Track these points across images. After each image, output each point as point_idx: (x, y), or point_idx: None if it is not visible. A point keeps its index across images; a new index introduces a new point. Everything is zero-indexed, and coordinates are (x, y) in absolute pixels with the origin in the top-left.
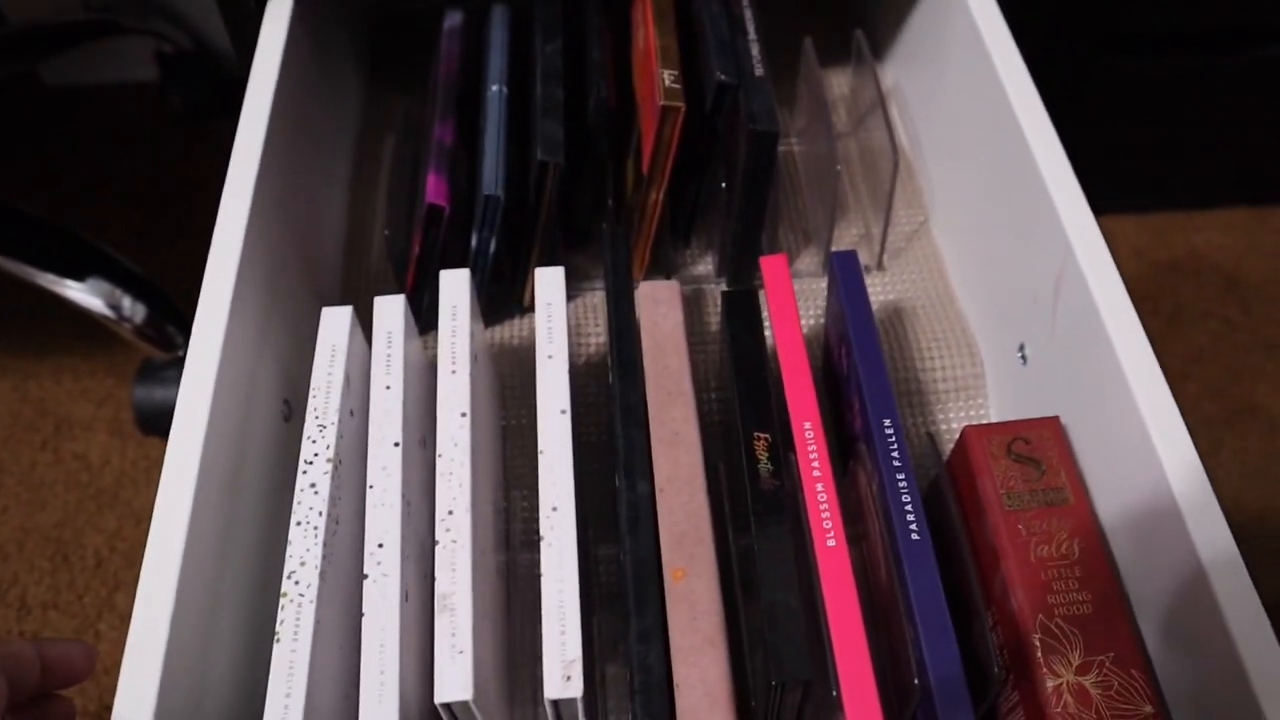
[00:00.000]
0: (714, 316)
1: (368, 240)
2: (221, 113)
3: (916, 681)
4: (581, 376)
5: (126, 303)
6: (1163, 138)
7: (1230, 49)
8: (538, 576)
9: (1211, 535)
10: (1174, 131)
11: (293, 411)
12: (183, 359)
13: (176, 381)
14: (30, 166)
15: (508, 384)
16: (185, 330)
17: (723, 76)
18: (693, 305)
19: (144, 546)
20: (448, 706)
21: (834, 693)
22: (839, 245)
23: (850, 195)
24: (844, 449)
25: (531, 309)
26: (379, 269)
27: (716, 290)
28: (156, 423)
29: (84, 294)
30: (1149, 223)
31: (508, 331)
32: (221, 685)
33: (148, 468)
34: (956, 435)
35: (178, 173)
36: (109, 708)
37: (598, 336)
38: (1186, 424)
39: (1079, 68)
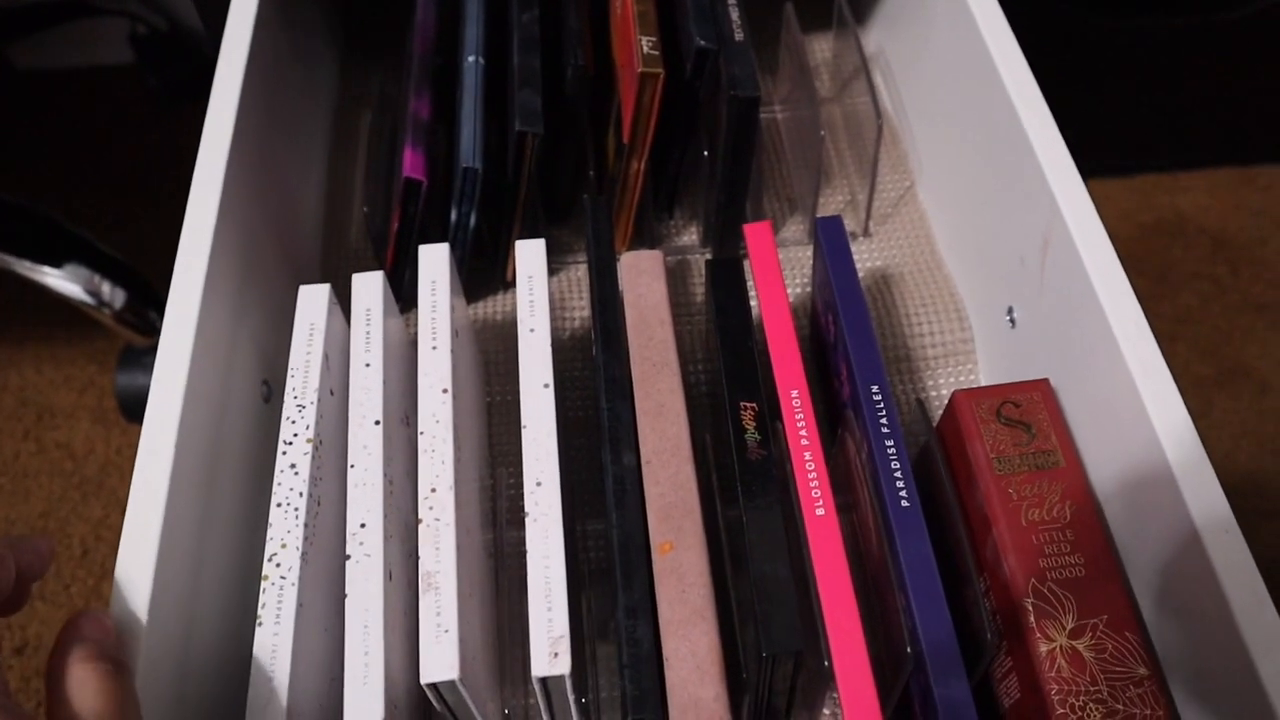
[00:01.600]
0: (699, 287)
1: (346, 219)
2: (201, 94)
3: (909, 650)
4: (565, 351)
5: (106, 288)
6: (1146, 99)
7: (1213, 8)
8: (523, 554)
9: (1204, 496)
10: (1157, 92)
11: (272, 392)
12: None
13: None
14: (2, 153)
15: (491, 360)
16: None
17: (702, 42)
18: (677, 276)
19: None
20: (434, 687)
21: (825, 663)
22: (824, 212)
23: (835, 162)
24: (832, 418)
25: (514, 284)
26: (358, 247)
27: (701, 260)
28: (140, 409)
29: (62, 280)
30: (1134, 185)
31: (490, 307)
32: (205, 669)
33: (132, 455)
34: (946, 401)
35: (155, 156)
36: None
37: (581, 310)
38: (1177, 385)
39: (1062, 29)
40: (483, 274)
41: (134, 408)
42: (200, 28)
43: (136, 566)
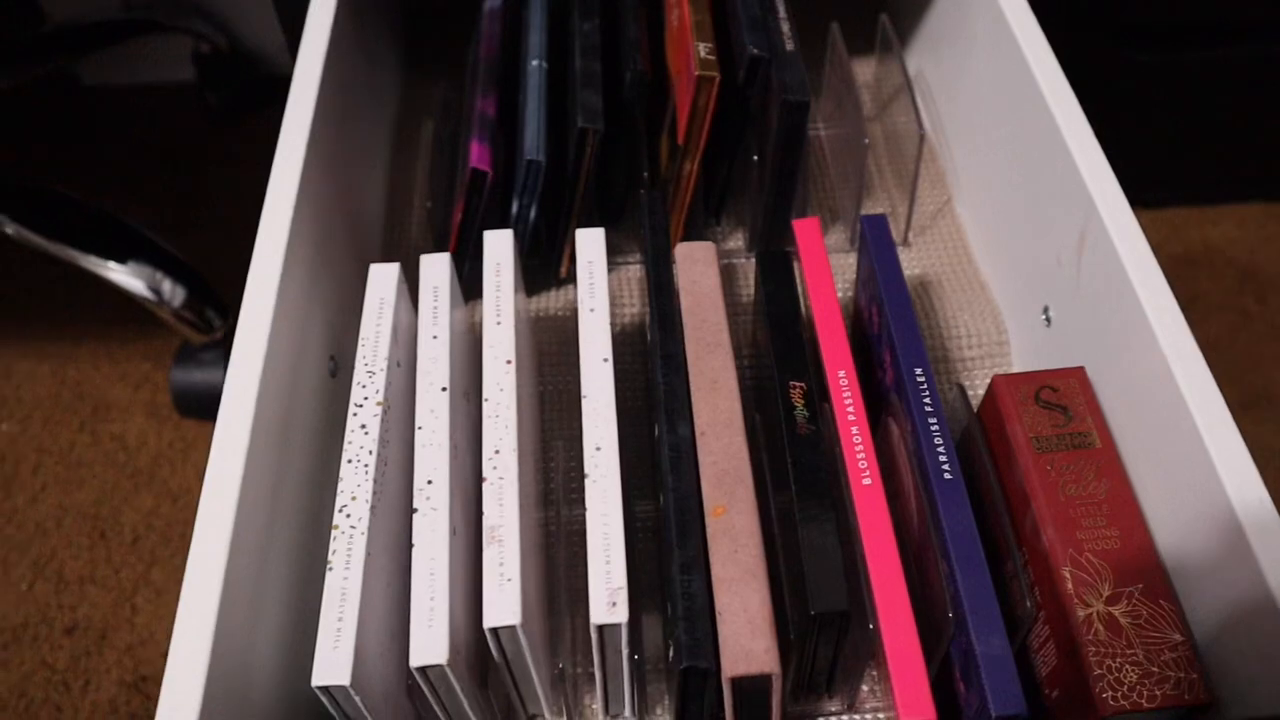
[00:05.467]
0: (743, 288)
1: (406, 216)
2: (256, 110)
3: (950, 615)
4: (616, 345)
5: (167, 286)
6: (1176, 132)
7: (1245, 42)
8: (575, 533)
9: (1241, 479)
10: (1188, 126)
11: (338, 367)
12: (220, 342)
13: (213, 365)
14: (66, 165)
15: (544, 351)
16: (222, 315)
17: (755, 50)
18: (724, 278)
19: (180, 525)
20: (495, 634)
21: (870, 626)
22: None
23: (875, 177)
24: (874, 410)
25: (568, 280)
26: (417, 243)
27: (746, 265)
28: (193, 405)
29: (126, 276)
30: (1163, 217)
31: (543, 302)
32: (275, 607)
33: (184, 449)
34: (979, 402)
35: (212, 171)
36: (145, 678)
37: (631, 307)
38: None
39: (1093, 62)
40: (536, 271)
41: (187, 403)
42: (263, 49)
43: (219, 510)
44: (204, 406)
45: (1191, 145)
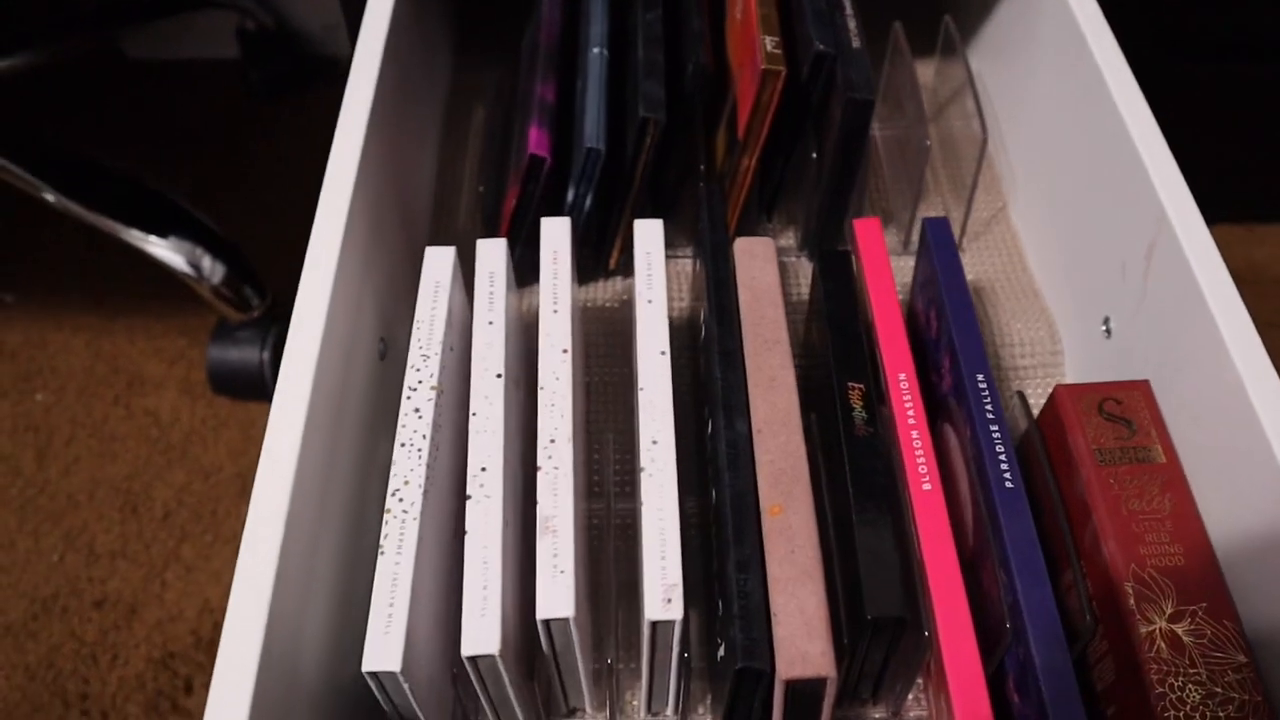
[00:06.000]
0: (795, 288)
1: (455, 202)
2: (298, 90)
3: (1009, 625)
4: None
5: (206, 262)
6: (1224, 149)
7: None
8: (622, 526)
9: None
10: (1236, 142)
11: (387, 349)
12: (257, 321)
13: (250, 343)
14: (109, 138)
15: (591, 343)
16: (260, 294)
17: (820, 46)
18: None
19: (211, 502)
20: (547, 625)
21: (926, 633)
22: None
23: (930, 182)
24: (930, 416)
25: (616, 272)
26: (466, 231)
27: (798, 264)
28: (228, 382)
29: (167, 251)
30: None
31: (593, 293)
32: (323, 591)
33: (216, 426)
34: (1038, 411)
35: (253, 150)
36: (174, 655)
37: (681, 302)
38: None
39: (1140, 71)
40: (586, 261)
41: (223, 380)
42: (308, 28)
43: (275, 486)
44: (239, 385)
45: (1239, 162)
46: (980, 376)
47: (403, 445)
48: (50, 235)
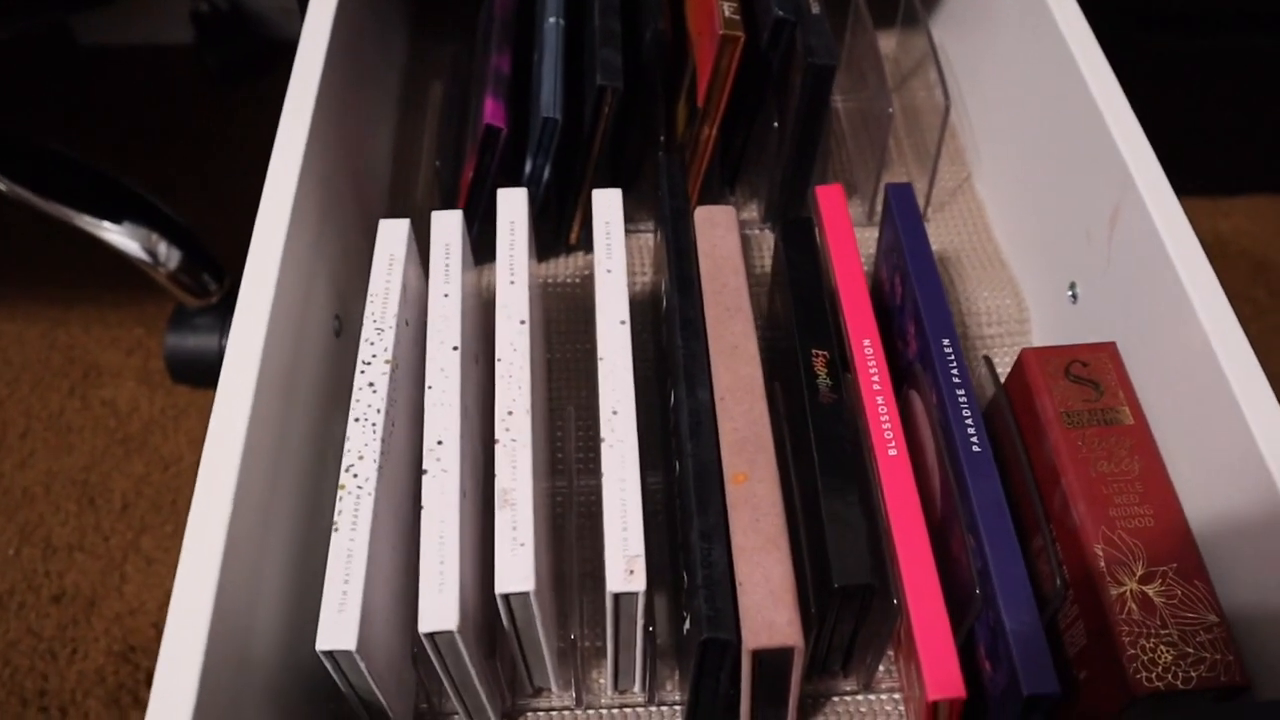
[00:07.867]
0: (757, 260)
1: (413, 178)
2: (255, 74)
3: (978, 591)
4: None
5: (163, 248)
6: (1189, 122)
7: (1260, 31)
8: (585, 504)
9: None
10: (1201, 115)
11: (342, 327)
12: (215, 307)
13: (208, 329)
14: (62, 124)
15: (552, 319)
16: (218, 278)
17: (780, 12)
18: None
19: (171, 493)
20: (507, 600)
21: (894, 601)
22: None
23: (894, 153)
24: (896, 382)
25: (576, 248)
26: (423, 206)
27: (760, 236)
28: (187, 370)
29: (121, 237)
30: None
31: (554, 269)
32: (276, 567)
33: (175, 415)
34: (1005, 377)
35: (209, 135)
36: (134, 648)
37: (643, 276)
38: None
39: (1105, 45)
40: (546, 237)
41: (181, 368)
42: (263, 10)
43: (221, 467)
44: (198, 372)
45: (1204, 135)
46: (946, 341)
47: (357, 420)
48: (1, 224)
